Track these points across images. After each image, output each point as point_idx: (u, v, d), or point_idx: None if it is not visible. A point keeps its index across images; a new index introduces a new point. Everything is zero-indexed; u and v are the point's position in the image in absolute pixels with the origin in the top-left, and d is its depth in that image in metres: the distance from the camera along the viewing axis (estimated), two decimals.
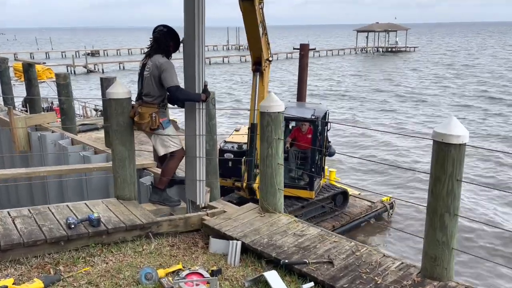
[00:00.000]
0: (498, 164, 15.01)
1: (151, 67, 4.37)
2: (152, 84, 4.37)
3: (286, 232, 4.12)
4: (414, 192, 12.82)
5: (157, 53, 4.41)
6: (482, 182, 13.15)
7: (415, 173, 13.44)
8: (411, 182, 13.36)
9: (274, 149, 4.35)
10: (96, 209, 4.28)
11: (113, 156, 4.51)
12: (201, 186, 4.66)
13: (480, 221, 10.48)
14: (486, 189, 12.63)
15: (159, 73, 4.30)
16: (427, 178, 3.28)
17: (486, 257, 8.94)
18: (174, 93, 4.25)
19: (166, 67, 4.29)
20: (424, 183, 12.87)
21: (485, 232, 10.29)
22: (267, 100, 4.29)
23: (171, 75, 4.27)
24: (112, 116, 4.39)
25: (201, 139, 4.55)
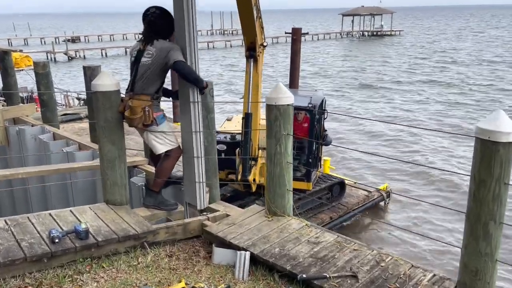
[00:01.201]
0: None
1: (154, 53, 3.88)
2: (151, 71, 3.87)
3: (299, 239, 3.68)
4: (409, 182, 12.52)
5: (158, 38, 3.91)
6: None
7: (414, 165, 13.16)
8: (408, 173, 13.03)
9: (283, 146, 3.88)
10: (84, 218, 3.79)
11: (101, 156, 4.00)
12: (201, 188, 4.18)
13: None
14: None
15: (164, 55, 3.83)
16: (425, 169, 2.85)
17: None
18: (182, 67, 3.78)
19: (173, 47, 3.86)
20: (422, 174, 12.58)
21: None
22: (275, 92, 3.81)
23: (179, 53, 3.82)
24: (99, 111, 3.87)
25: (198, 136, 4.06)
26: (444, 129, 17.06)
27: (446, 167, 13.07)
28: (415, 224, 10.12)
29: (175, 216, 4.30)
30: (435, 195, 11.62)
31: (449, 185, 12.00)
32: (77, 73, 35.61)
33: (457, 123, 18.18)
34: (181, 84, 3.99)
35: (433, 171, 12.57)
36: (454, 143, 15.47)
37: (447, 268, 8.15)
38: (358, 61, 38.69)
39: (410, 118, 19.27)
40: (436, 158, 14.16)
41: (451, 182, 12.04)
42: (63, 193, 5.84)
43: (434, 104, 21.75)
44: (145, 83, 3.87)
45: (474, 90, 24.99)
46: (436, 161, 13.76)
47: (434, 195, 11.59)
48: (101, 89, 3.81)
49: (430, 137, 16.20)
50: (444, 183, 12.13)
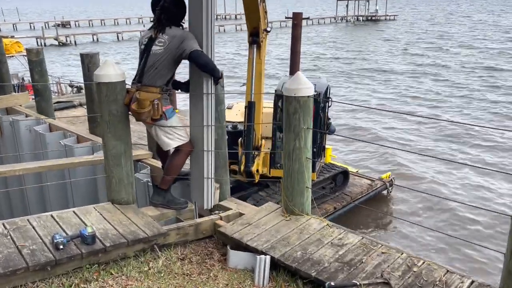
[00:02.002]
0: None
1: (166, 41, 3.56)
2: (163, 61, 3.56)
3: (321, 241, 3.43)
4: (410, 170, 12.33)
5: (171, 25, 3.59)
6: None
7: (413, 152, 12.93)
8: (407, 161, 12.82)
9: (303, 141, 3.61)
10: (88, 219, 3.50)
11: (106, 152, 3.70)
12: (209, 186, 3.91)
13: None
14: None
15: (178, 44, 3.52)
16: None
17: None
18: (199, 56, 3.49)
19: (188, 35, 3.56)
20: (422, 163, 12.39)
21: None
22: (294, 82, 3.52)
23: (194, 41, 3.53)
24: (103, 104, 3.56)
25: (209, 130, 3.77)
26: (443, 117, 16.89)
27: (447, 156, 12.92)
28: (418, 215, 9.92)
29: (185, 215, 4.03)
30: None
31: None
32: (68, 59, 34.92)
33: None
34: (194, 74, 3.68)
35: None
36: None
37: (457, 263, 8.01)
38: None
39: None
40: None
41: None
42: (62, 190, 5.53)
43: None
44: (155, 74, 3.57)
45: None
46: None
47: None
48: (104, 79, 3.50)
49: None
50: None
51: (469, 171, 11.87)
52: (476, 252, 8.28)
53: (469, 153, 13.34)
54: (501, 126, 15.43)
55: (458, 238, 8.01)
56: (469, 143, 14.06)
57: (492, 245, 8.19)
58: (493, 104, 18.63)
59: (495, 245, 8.24)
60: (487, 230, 9.12)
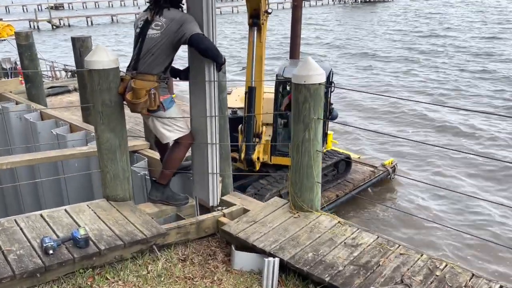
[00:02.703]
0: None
1: (164, 24, 3.24)
2: (160, 47, 3.25)
3: (334, 241, 3.18)
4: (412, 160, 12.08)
5: (169, 7, 3.27)
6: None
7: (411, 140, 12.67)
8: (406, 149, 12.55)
9: (313, 133, 3.33)
10: (81, 219, 3.23)
11: (99, 146, 3.41)
12: (214, 181, 3.64)
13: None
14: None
15: (177, 28, 3.20)
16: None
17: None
18: (201, 41, 3.16)
19: (187, 18, 3.24)
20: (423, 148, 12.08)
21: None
22: (303, 68, 3.23)
23: (195, 24, 3.21)
24: (95, 94, 3.25)
25: (213, 121, 3.48)
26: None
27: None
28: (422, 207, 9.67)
29: (186, 212, 3.77)
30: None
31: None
32: (62, 42, 34.25)
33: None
34: (194, 61, 3.38)
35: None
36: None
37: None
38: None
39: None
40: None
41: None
42: (56, 183, 5.24)
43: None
44: (151, 60, 3.26)
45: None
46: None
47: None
48: (96, 66, 3.19)
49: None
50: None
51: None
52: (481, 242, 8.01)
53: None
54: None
55: (467, 233, 7.82)
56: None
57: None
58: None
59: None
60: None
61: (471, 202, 9.41)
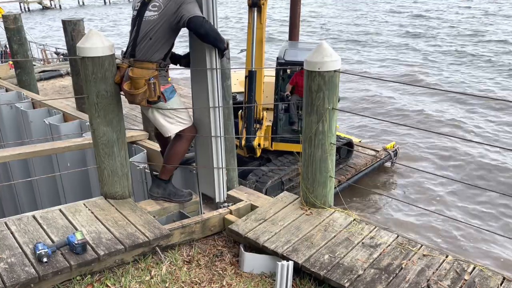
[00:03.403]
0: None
1: (162, 4, 2.94)
2: (158, 31, 2.95)
3: (351, 241, 2.96)
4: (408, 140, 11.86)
5: None
6: None
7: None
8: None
9: (327, 124, 3.07)
10: (78, 220, 2.99)
11: (95, 141, 3.14)
12: (220, 176, 3.39)
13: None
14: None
15: (175, 9, 2.89)
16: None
17: None
18: (200, 24, 2.84)
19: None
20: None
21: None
22: (317, 53, 2.95)
23: (194, 6, 2.90)
24: (89, 84, 2.97)
25: (217, 112, 3.21)
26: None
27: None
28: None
29: (189, 208, 3.53)
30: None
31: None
32: (53, 23, 33.49)
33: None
34: (195, 46, 3.09)
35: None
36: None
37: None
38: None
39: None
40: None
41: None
42: (51, 178, 4.96)
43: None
44: (149, 46, 2.96)
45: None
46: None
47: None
48: (90, 53, 2.90)
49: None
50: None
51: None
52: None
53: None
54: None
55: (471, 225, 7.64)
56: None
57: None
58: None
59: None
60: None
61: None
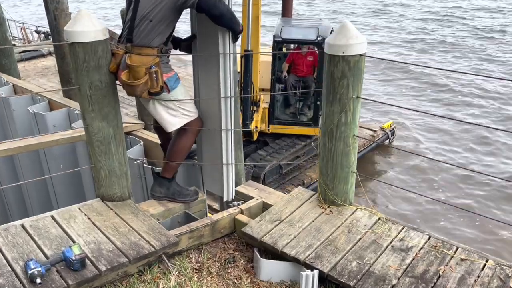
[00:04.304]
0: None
1: None
2: (160, 10, 2.55)
3: (379, 244, 2.68)
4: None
5: None
6: None
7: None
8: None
9: (351, 115, 2.75)
10: (73, 229, 2.65)
11: (89, 138, 2.78)
12: (230, 173, 3.07)
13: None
14: None
15: None
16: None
17: None
18: (213, 4, 2.47)
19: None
20: None
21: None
22: (341, 35, 2.60)
23: None
24: (80, 73, 2.59)
25: (228, 103, 2.86)
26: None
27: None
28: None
29: (196, 208, 3.21)
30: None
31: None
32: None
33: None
34: (203, 28, 2.71)
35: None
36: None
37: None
38: None
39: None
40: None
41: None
42: (39, 172, 4.56)
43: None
44: (149, 29, 2.58)
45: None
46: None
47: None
48: (80, 38, 2.51)
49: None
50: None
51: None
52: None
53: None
54: None
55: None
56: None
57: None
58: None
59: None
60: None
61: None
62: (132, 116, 5.91)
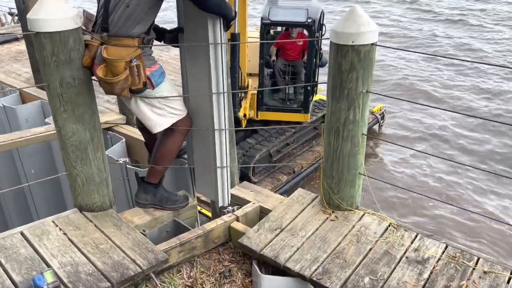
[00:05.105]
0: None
1: None
2: None
3: (391, 254, 2.42)
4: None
5: None
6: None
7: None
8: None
9: (359, 111, 2.46)
10: (46, 248, 2.31)
11: (62, 142, 2.42)
12: (225, 177, 2.75)
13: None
14: None
15: None
16: None
17: None
18: None
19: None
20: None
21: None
22: (350, 23, 2.27)
23: None
24: (49, 69, 2.22)
25: (221, 99, 2.53)
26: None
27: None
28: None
29: (185, 214, 2.90)
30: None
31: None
32: None
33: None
34: (190, 16, 2.36)
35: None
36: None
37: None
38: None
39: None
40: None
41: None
42: (14, 175, 4.12)
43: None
44: (127, 16, 2.21)
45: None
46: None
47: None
48: (47, 27, 2.13)
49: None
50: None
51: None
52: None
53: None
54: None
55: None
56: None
57: None
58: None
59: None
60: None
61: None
62: (114, 103, 5.47)
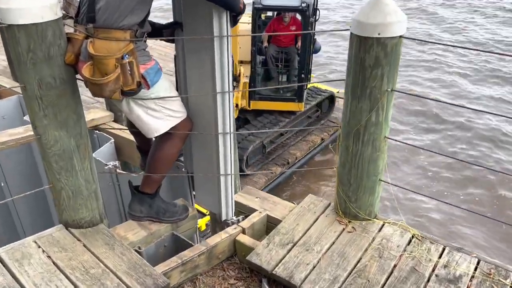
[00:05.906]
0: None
1: None
2: None
3: (419, 272, 2.17)
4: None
5: None
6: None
7: None
8: None
9: (383, 113, 2.17)
10: (27, 274, 2.00)
11: (43, 152, 2.09)
12: (229, 186, 2.46)
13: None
14: None
15: None
16: None
17: None
18: None
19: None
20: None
21: None
22: (376, 12, 1.97)
23: None
24: (25, 68, 1.88)
25: (226, 99, 2.22)
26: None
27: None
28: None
29: (185, 227, 2.61)
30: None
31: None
32: None
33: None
34: (191, 8, 2.03)
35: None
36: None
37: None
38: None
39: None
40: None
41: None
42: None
43: None
44: (116, 4, 1.87)
45: None
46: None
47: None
48: (21, 19, 1.79)
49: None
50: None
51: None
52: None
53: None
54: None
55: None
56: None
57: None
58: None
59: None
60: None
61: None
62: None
